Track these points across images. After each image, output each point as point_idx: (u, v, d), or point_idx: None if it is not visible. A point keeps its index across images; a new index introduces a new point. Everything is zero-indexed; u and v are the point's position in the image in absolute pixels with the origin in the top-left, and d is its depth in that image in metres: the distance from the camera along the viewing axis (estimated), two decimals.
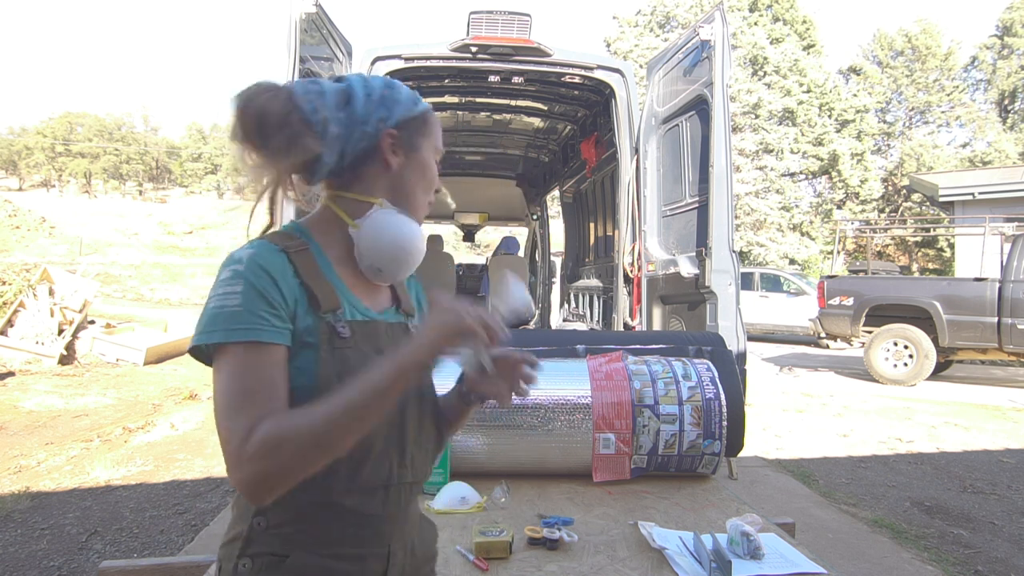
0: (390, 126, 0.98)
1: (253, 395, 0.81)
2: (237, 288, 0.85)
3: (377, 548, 0.95)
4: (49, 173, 53.71)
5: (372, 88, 0.98)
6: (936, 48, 29.03)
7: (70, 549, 3.14)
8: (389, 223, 0.97)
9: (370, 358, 0.90)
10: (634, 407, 2.15)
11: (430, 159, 1.03)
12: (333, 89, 0.96)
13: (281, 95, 0.91)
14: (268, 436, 0.78)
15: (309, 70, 3.08)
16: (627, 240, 4.06)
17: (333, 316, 0.91)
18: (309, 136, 0.91)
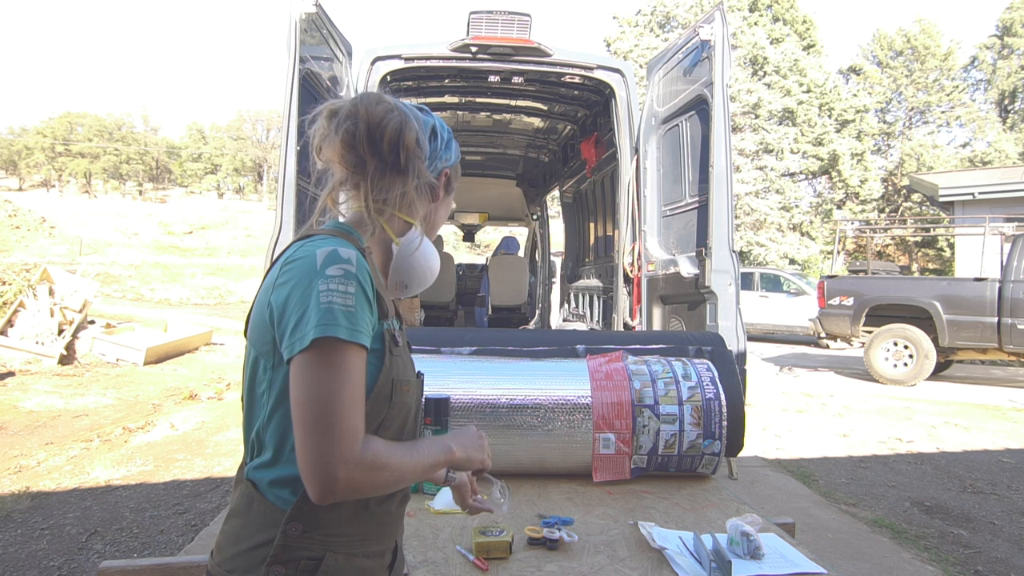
0: (448, 167, 1.11)
1: (357, 402, 0.84)
2: (351, 289, 0.86)
3: (389, 544, 1.02)
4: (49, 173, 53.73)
5: (443, 132, 1.10)
6: (936, 48, 29.03)
7: (70, 549, 3.14)
8: (425, 245, 1.07)
9: (409, 366, 1.02)
10: (634, 407, 2.15)
11: (450, 201, 1.17)
12: (426, 122, 1.06)
13: (411, 121, 1.00)
14: (379, 455, 0.85)
15: (309, 70, 3.08)
16: (627, 240, 4.06)
17: (391, 324, 0.97)
18: (423, 164, 1.02)
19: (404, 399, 0.97)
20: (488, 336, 2.64)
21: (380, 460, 0.84)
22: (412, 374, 1.03)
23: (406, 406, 0.98)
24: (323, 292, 0.84)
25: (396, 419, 0.96)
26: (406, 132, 0.98)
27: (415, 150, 0.99)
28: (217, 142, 60.51)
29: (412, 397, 1.01)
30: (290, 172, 2.85)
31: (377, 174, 0.97)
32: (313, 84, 3.20)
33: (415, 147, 0.99)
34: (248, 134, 62.55)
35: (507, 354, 2.44)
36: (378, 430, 0.93)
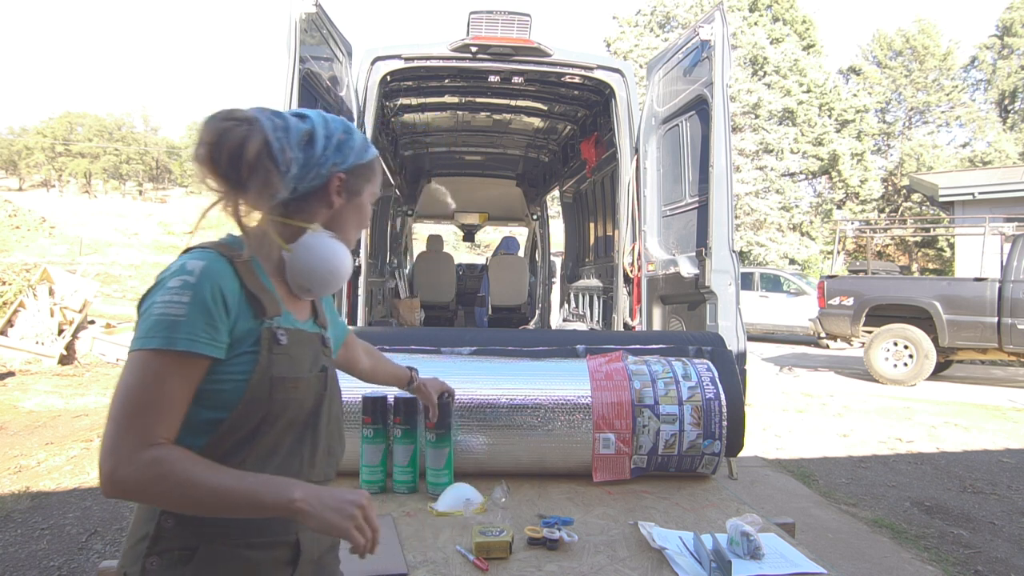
0: (341, 171, 1.06)
1: (160, 408, 0.87)
2: (184, 299, 0.89)
3: (284, 537, 1.01)
4: (49, 173, 53.73)
5: (332, 132, 1.06)
6: (935, 48, 29.03)
7: (70, 549, 3.14)
8: (320, 247, 1.05)
9: (298, 363, 1.01)
10: (634, 407, 2.14)
11: (367, 203, 1.13)
12: (298, 128, 1.02)
13: (256, 134, 0.97)
14: (158, 462, 0.85)
15: (309, 70, 3.08)
16: (627, 240, 4.06)
17: (274, 322, 0.99)
18: (276, 176, 0.98)
19: (292, 396, 0.98)
20: (488, 336, 2.63)
21: (163, 469, 0.84)
22: (305, 370, 1.02)
23: (295, 403, 0.99)
24: (156, 303, 0.89)
25: (282, 416, 0.98)
26: (248, 145, 0.95)
27: (260, 162, 0.96)
28: None
29: (304, 394, 1.01)
30: None
31: (232, 190, 0.97)
32: (313, 84, 3.20)
33: (258, 159, 0.95)
34: None
35: (507, 354, 2.44)
36: (260, 426, 0.95)
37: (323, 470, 1.08)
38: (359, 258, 3.71)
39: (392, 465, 2.03)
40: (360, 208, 1.12)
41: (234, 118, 0.97)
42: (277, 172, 0.98)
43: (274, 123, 1.00)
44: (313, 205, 1.06)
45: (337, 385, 1.15)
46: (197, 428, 0.93)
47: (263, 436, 0.96)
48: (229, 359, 0.93)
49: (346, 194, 1.08)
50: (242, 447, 0.95)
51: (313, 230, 1.05)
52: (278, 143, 0.98)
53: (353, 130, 1.10)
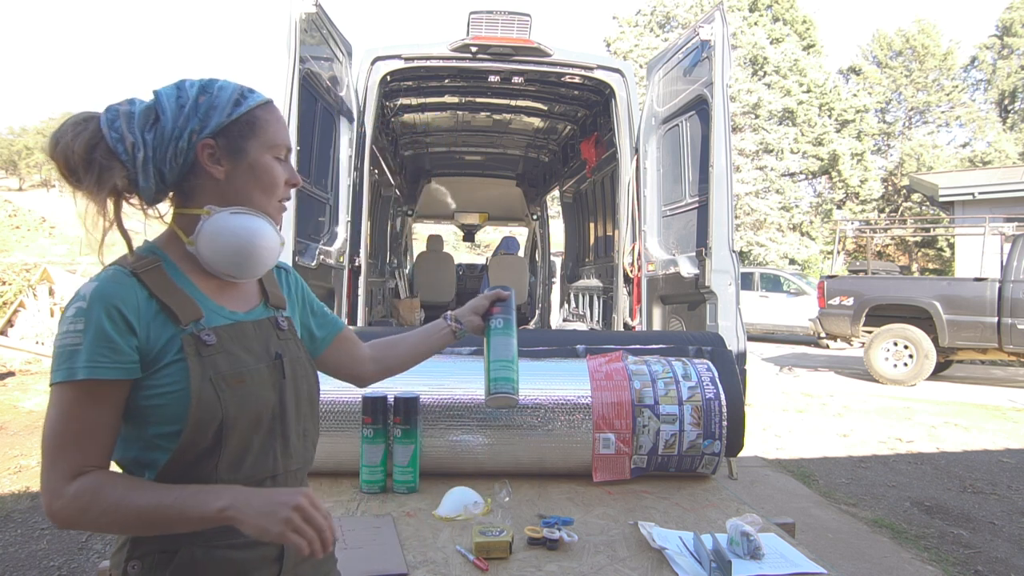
0: (206, 136, 0.95)
1: (80, 439, 0.87)
2: (79, 326, 0.86)
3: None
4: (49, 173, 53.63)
5: (186, 98, 0.95)
6: (935, 48, 29.02)
7: (70, 549, 3.14)
8: (220, 229, 0.95)
9: (241, 358, 0.96)
10: (634, 407, 2.14)
11: (263, 159, 1.00)
12: (141, 109, 0.94)
13: (88, 129, 0.91)
14: (81, 493, 0.85)
15: (309, 70, 3.08)
16: (627, 240, 4.06)
17: (196, 326, 0.93)
18: (116, 167, 0.91)
19: (241, 393, 0.94)
20: None
21: (86, 500, 0.84)
22: (251, 363, 0.97)
23: (252, 398, 0.95)
24: (58, 336, 0.88)
25: (242, 415, 0.93)
26: (75, 145, 0.90)
27: (93, 157, 0.90)
28: None
29: (258, 388, 0.96)
30: None
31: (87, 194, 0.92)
32: (313, 84, 3.20)
33: (88, 154, 0.90)
34: None
35: None
36: (221, 429, 0.91)
37: (300, 456, 1.05)
38: (359, 257, 3.71)
39: (392, 465, 2.03)
40: (254, 168, 0.99)
41: (65, 125, 0.92)
42: (119, 163, 0.91)
43: (115, 112, 0.93)
44: (199, 184, 0.97)
45: (304, 366, 1.07)
46: (152, 445, 0.91)
47: (228, 439, 0.92)
48: (156, 372, 0.90)
49: (227, 160, 0.97)
50: (211, 454, 0.92)
51: (207, 214, 0.96)
52: (115, 132, 0.91)
53: (215, 87, 0.98)
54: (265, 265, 1.01)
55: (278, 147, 1.02)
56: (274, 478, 1.00)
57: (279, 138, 1.02)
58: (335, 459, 2.08)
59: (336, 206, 3.68)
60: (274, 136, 1.01)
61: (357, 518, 1.80)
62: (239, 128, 0.97)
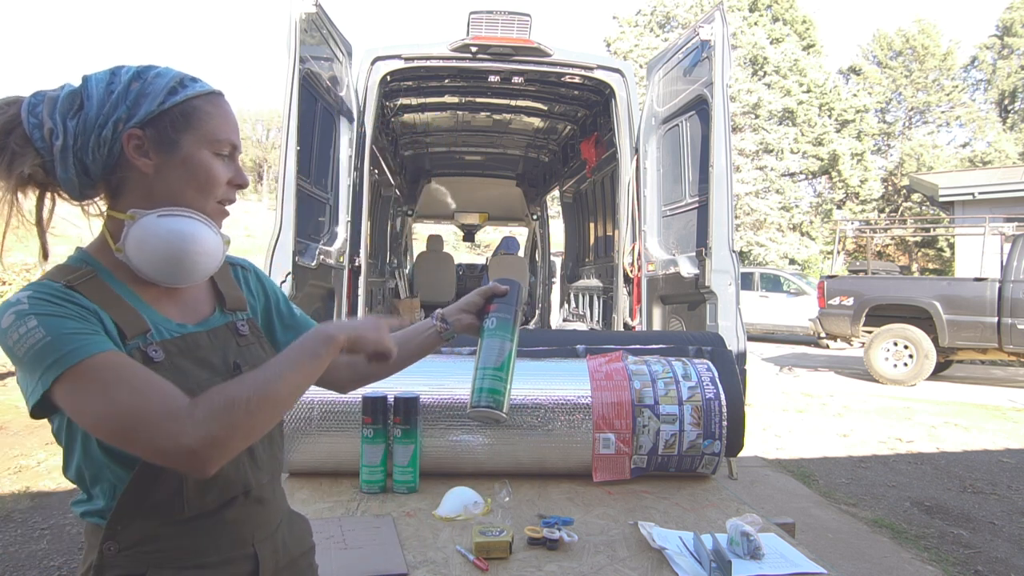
0: (133, 125, 0.86)
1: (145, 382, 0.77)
2: (31, 324, 0.76)
3: (241, 551, 0.93)
4: None
5: (115, 85, 0.86)
6: (935, 48, 29.03)
7: (70, 549, 3.14)
8: (147, 235, 0.86)
9: (194, 374, 0.87)
10: (634, 407, 2.14)
11: (199, 154, 0.90)
12: (65, 94, 0.86)
13: (7, 113, 0.84)
14: (215, 400, 0.76)
15: (309, 70, 3.08)
16: (627, 240, 4.06)
17: (143, 340, 0.85)
18: (29, 154, 0.83)
19: None
20: None
21: (220, 402, 0.76)
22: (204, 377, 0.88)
23: None
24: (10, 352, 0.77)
25: None
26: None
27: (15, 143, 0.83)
28: None
29: None
30: (290, 172, 2.85)
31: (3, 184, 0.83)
32: (313, 84, 3.20)
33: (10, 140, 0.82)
34: (248, 134, 62.46)
35: None
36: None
37: (268, 466, 0.99)
38: (359, 257, 3.71)
39: (392, 465, 2.03)
40: (188, 162, 0.89)
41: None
42: (30, 149, 0.83)
43: (37, 97, 0.85)
44: (126, 179, 0.88)
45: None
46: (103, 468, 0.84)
47: None
48: None
49: (155, 153, 0.87)
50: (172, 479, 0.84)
51: (130, 218, 0.86)
52: (34, 118, 0.83)
53: (149, 73, 0.88)
54: (203, 271, 0.91)
55: (219, 143, 0.92)
56: (247, 494, 0.94)
57: (221, 133, 0.92)
58: (335, 459, 2.08)
59: (336, 206, 3.68)
60: (215, 130, 0.91)
61: (357, 518, 1.79)
62: (172, 118, 0.88)
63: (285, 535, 1.02)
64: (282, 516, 1.04)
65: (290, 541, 1.03)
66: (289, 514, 1.08)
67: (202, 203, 0.91)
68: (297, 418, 2.02)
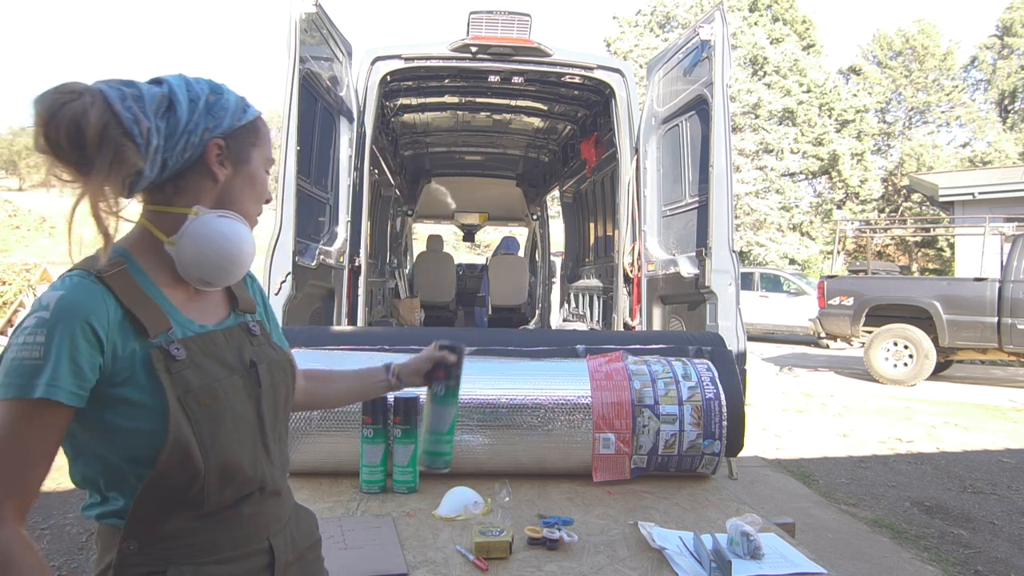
0: (217, 136, 0.91)
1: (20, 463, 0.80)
2: (40, 339, 0.79)
3: (256, 544, 0.96)
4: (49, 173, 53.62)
5: (197, 93, 0.91)
6: (935, 48, 29.02)
7: (70, 549, 3.14)
8: (209, 232, 0.91)
9: (213, 371, 0.91)
10: (634, 407, 2.14)
11: (259, 170, 0.99)
12: (152, 93, 0.87)
13: (97, 102, 0.81)
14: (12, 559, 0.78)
15: (309, 70, 3.08)
16: (627, 240, 4.06)
17: (165, 338, 0.87)
18: (131, 150, 0.82)
19: (216, 408, 0.89)
20: (488, 336, 2.63)
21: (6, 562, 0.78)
22: (224, 375, 0.92)
23: (227, 412, 0.90)
24: (13, 347, 0.80)
25: (217, 431, 0.88)
26: (88, 116, 0.79)
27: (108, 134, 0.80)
28: None
29: (233, 400, 0.92)
30: (290, 172, 2.85)
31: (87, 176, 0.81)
32: (313, 84, 3.20)
33: (103, 131, 0.80)
34: None
35: (507, 354, 2.44)
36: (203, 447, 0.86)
37: (279, 462, 1.01)
38: (359, 257, 3.71)
39: (392, 465, 2.03)
40: (252, 177, 0.98)
41: (68, 90, 0.81)
42: (133, 145, 0.82)
43: (121, 91, 0.84)
44: (195, 182, 0.92)
45: (283, 370, 1.04)
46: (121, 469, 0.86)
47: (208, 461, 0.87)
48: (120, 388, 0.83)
49: (231, 163, 0.94)
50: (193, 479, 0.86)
51: (195, 215, 0.91)
52: (128, 112, 0.82)
53: (224, 90, 0.95)
54: (240, 273, 0.98)
55: (269, 161, 1.02)
56: (262, 490, 0.96)
57: (270, 152, 1.02)
58: (335, 459, 2.08)
59: (336, 206, 3.68)
60: (269, 149, 1.01)
61: (357, 518, 1.80)
62: (244, 134, 0.96)
63: (294, 528, 1.05)
64: (292, 510, 1.07)
65: (298, 534, 1.06)
66: (297, 508, 1.10)
67: (252, 211, 1.00)
68: (297, 418, 2.02)
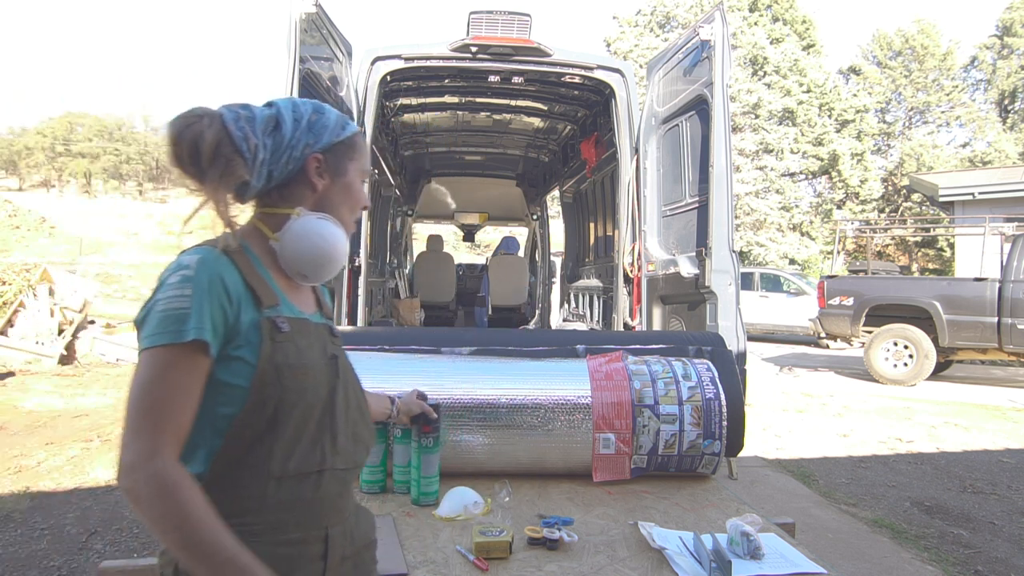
0: (316, 151, 1.05)
1: (172, 406, 0.88)
2: (187, 291, 0.90)
3: (315, 531, 1.01)
4: (49, 173, 53.66)
5: (301, 113, 1.05)
6: (935, 48, 29.02)
7: (70, 549, 3.14)
8: (307, 231, 1.04)
9: (307, 353, 1.01)
10: (634, 407, 2.14)
11: (355, 181, 1.11)
12: (263, 115, 1.02)
13: (214, 123, 0.96)
14: (161, 480, 0.84)
15: (309, 70, 3.08)
16: (627, 240, 4.06)
17: (274, 311, 0.99)
18: (239, 163, 0.97)
19: (301, 385, 0.98)
20: (488, 336, 2.63)
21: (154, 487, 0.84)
22: (314, 359, 1.02)
23: (309, 391, 0.99)
24: (160, 301, 0.90)
25: (296, 406, 0.97)
26: (205, 136, 0.95)
27: (220, 151, 0.96)
28: None
29: (315, 382, 1.01)
30: None
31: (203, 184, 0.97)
32: (313, 84, 3.20)
33: (216, 149, 0.95)
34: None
35: (507, 354, 2.44)
36: (276, 415, 0.95)
37: (350, 456, 1.08)
38: (359, 257, 3.71)
39: (392, 465, 2.03)
40: (349, 187, 1.10)
41: (193, 115, 0.97)
42: (241, 159, 0.97)
43: (236, 114, 0.99)
44: (296, 191, 1.06)
45: (353, 374, 1.14)
46: (216, 426, 0.94)
47: (282, 426, 0.96)
48: (236, 349, 0.94)
49: (329, 174, 1.07)
50: (263, 440, 0.95)
51: (297, 215, 1.05)
52: (240, 131, 0.98)
53: (325, 109, 1.09)
54: (333, 272, 1.09)
55: (366, 172, 1.15)
56: (320, 473, 1.01)
57: (367, 165, 1.15)
58: None
59: None
60: (366, 162, 1.14)
61: None
62: (342, 149, 1.09)
63: (354, 526, 1.11)
64: (354, 507, 1.14)
65: (357, 532, 1.12)
66: (357, 507, 1.17)
67: (349, 218, 1.12)
68: None
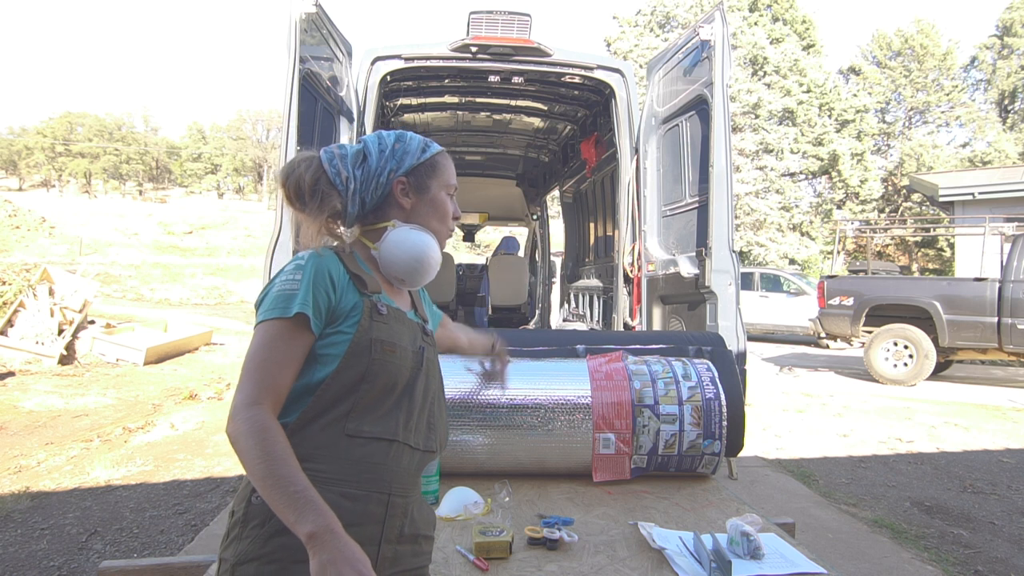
0: (400, 175, 1.20)
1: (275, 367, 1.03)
2: (298, 276, 1.07)
3: (377, 493, 1.09)
4: (49, 173, 53.69)
5: (385, 144, 1.21)
6: (934, 48, 29.02)
7: (70, 549, 3.14)
8: (401, 239, 1.19)
9: (399, 338, 1.14)
10: (634, 407, 2.14)
11: (441, 195, 1.25)
12: (353, 151, 1.20)
13: (312, 165, 1.16)
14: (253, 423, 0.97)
15: (309, 70, 3.08)
16: (627, 240, 4.06)
17: (376, 297, 1.14)
18: (334, 195, 1.16)
19: (388, 359, 1.10)
20: None
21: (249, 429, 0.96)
22: (404, 342, 1.15)
23: (394, 367, 1.11)
24: (275, 284, 1.08)
25: (380, 377, 1.09)
26: (306, 176, 1.15)
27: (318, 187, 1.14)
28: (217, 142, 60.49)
29: (400, 362, 1.13)
30: None
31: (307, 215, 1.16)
32: (313, 84, 3.20)
33: (315, 186, 1.14)
34: (248, 134, 62.51)
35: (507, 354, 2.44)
36: (361, 381, 1.08)
37: (423, 439, 1.17)
38: None
39: None
40: (434, 201, 1.24)
41: (295, 161, 1.18)
42: (336, 192, 1.15)
43: (331, 153, 1.18)
44: (389, 211, 1.21)
45: (438, 370, 1.26)
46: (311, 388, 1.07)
47: (364, 392, 1.08)
48: (338, 325, 1.08)
49: (414, 193, 1.22)
50: (345, 398, 1.07)
51: (392, 226, 1.19)
52: (333, 168, 1.16)
53: (407, 137, 1.23)
54: (428, 277, 1.22)
55: (451, 187, 1.27)
56: (391, 443, 1.11)
57: (452, 179, 1.27)
58: None
59: None
60: (448, 177, 1.26)
61: None
62: (425, 169, 1.22)
63: (415, 510, 1.18)
64: (419, 496, 1.22)
65: (419, 517, 1.19)
66: (423, 500, 1.25)
67: (440, 227, 1.25)
68: None
